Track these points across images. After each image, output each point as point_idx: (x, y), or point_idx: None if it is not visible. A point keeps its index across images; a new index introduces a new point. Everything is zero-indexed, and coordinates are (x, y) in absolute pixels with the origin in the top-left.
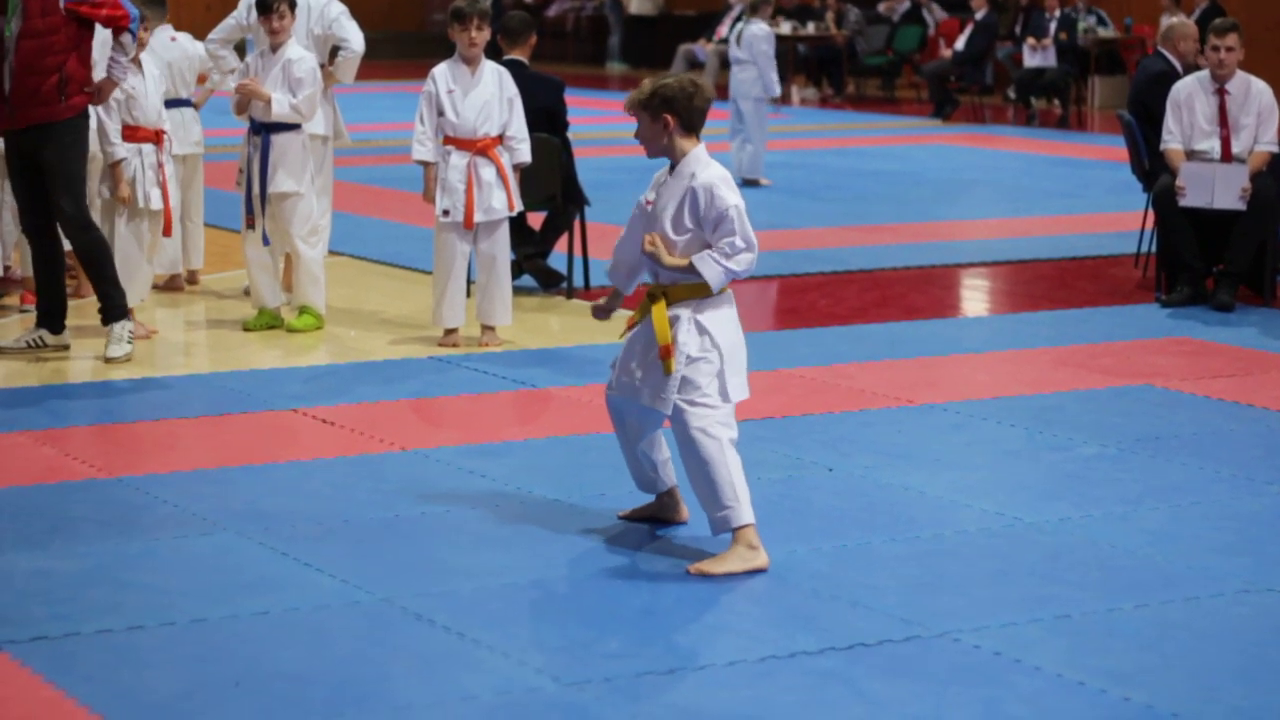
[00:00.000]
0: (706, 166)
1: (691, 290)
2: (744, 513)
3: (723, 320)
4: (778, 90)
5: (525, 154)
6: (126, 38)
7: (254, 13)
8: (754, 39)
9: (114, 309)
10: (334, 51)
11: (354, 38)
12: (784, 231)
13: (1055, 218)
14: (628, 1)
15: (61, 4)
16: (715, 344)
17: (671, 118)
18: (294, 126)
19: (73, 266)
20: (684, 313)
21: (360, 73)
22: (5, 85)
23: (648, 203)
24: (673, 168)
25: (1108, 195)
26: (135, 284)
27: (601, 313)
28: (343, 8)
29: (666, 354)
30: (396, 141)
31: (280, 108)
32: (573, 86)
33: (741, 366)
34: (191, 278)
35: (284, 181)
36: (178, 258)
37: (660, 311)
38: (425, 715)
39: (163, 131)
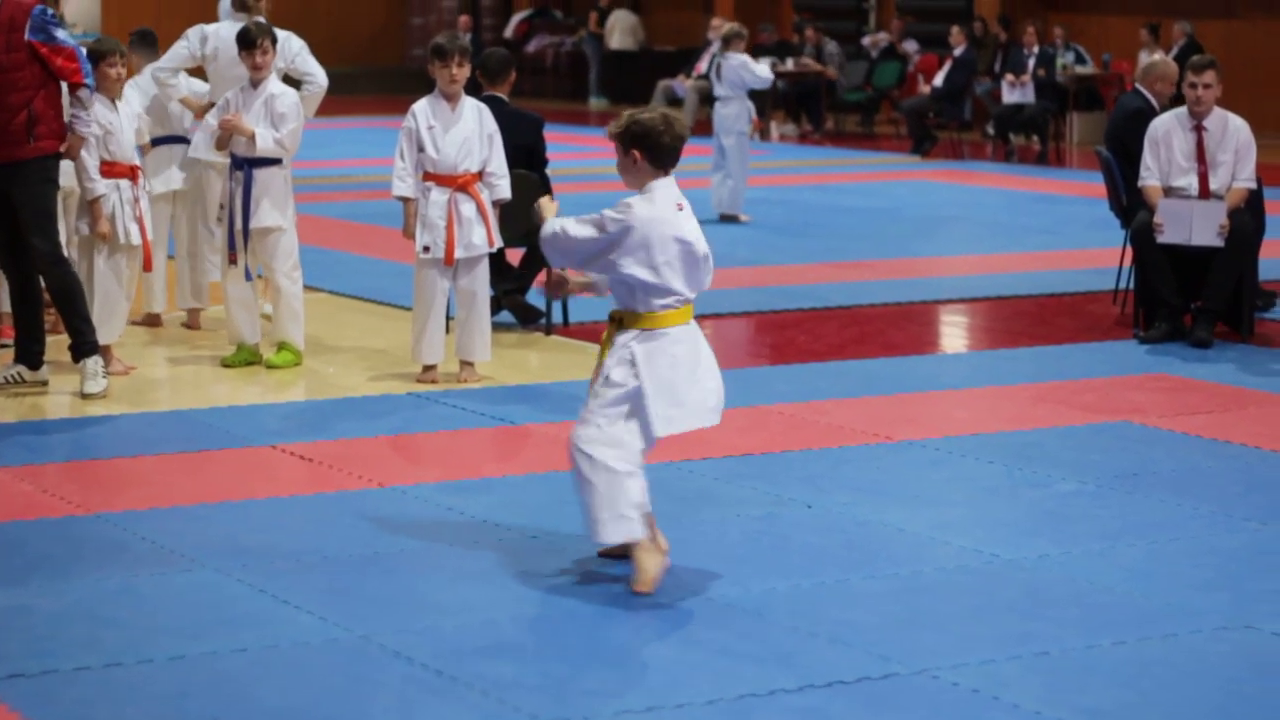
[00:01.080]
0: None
1: (635, 318)
2: (606, 532)
3: (657, 353)
4: (769, 77)
5: (505, 190)
6: (84, 93)
7: (208, 43)
8: (732, 70)
9: (85, 345)
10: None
11: (318, 73)
12: (763, 268)
13: (1034, 254)
14: (609, 37)
15: (26, 37)
16: (638, 375)
17: (640, 153)
18: (276, 161)
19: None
20: (623, 339)
21: (339, 108)
22: None
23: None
24: None
25: (1086, 231)
26: (115, 320)
27: (554, 288)
28: (302, 43)
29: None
30: (375, 177)
31: (265, 142)
32: (552, 122)
33: (678, 399)
34: (193, 319)
35: (267, 216)
36: (160, 295)
37: (607, 333)
38: None
39: (138, 167)
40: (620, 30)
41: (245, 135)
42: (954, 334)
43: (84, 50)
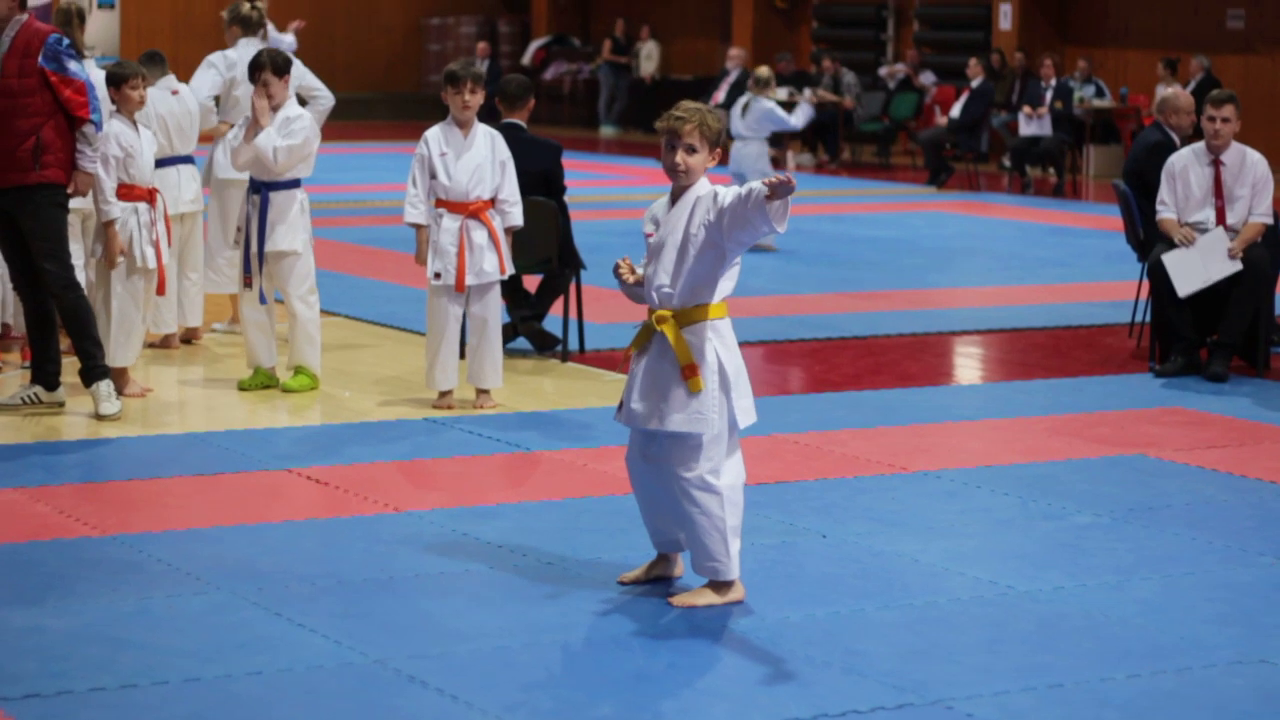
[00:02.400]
0: (705, 182)
1: (705, 311)
2: (733, 568)
3: (729, 345)
4: (794, 124)
5: (517, 217)
6: (89, 129)
7: (234, 68)
8: (763, 113)
9: (95, 369)
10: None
11: (324, 88)
12: (778, 297)
13: (1049, 286)
14: (644, 64)
15: (39, 63)
16: (722, 375)
17: (720, 150)
18: (292, 185)
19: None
20: (703, 336)
21: (356, 133)
22: None
23: (648, 235)
24: (678, 197)
25: (1102, 264)
26: (132, 342)
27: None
28: (301, 64)
29: (692, 372)
30: (390, 202)
31: (265, 140)
32: (569, 150)
33: (748, 389)
34: (192, 335)
35: (282, 240)
36: (171, 317)
37: (675, 332)
38: None
39: (156, 190)
40: (650, 59)
41: (260, 124)
42: (969, 365)
43: (97, 80)
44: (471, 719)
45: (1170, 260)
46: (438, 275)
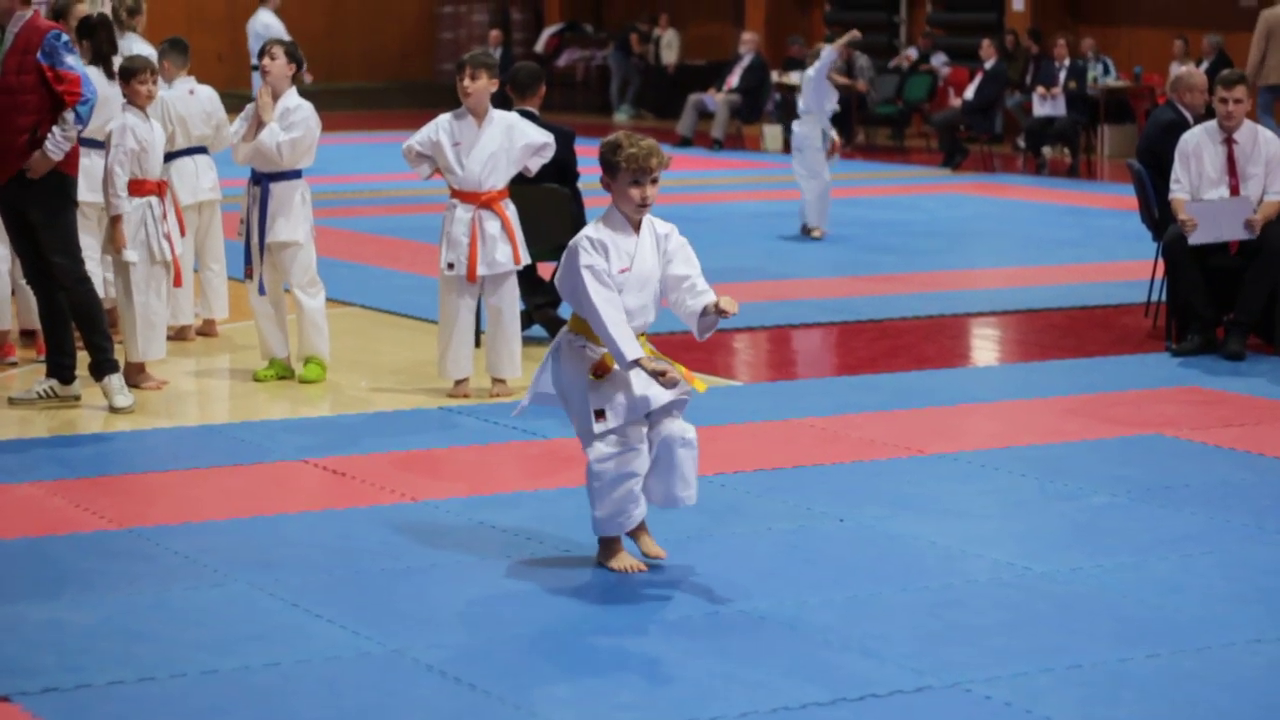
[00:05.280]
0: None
1: None
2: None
3: None
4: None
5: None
6: (69, 114)
7: None
8: (812, 85)
9: (105, 363)
10: None
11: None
12: (793, 281)
13: (1065, 267)
14: (664, 52)
15: (37, 58)
16: None
17: None
18: (293, 176)
19: None
20: None
21: (369, 123)
22: None
23: (622, 270)
24: (637, 228)
25: (1118, 244)
26: (159, 334)
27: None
28: None
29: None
30: (404, 191)
31: (269, 137)
32: (583, 136)
33: None
34: (209, 328)
35: (282, 231)
36: (188, 307)
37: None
38: None
39: (165, 183)
40: (670, 47)
41: (265, 117)
42: (985, 347)
43: (89, 74)
44: (490, 707)
45: (1192, 207)
46: (450, 265)
